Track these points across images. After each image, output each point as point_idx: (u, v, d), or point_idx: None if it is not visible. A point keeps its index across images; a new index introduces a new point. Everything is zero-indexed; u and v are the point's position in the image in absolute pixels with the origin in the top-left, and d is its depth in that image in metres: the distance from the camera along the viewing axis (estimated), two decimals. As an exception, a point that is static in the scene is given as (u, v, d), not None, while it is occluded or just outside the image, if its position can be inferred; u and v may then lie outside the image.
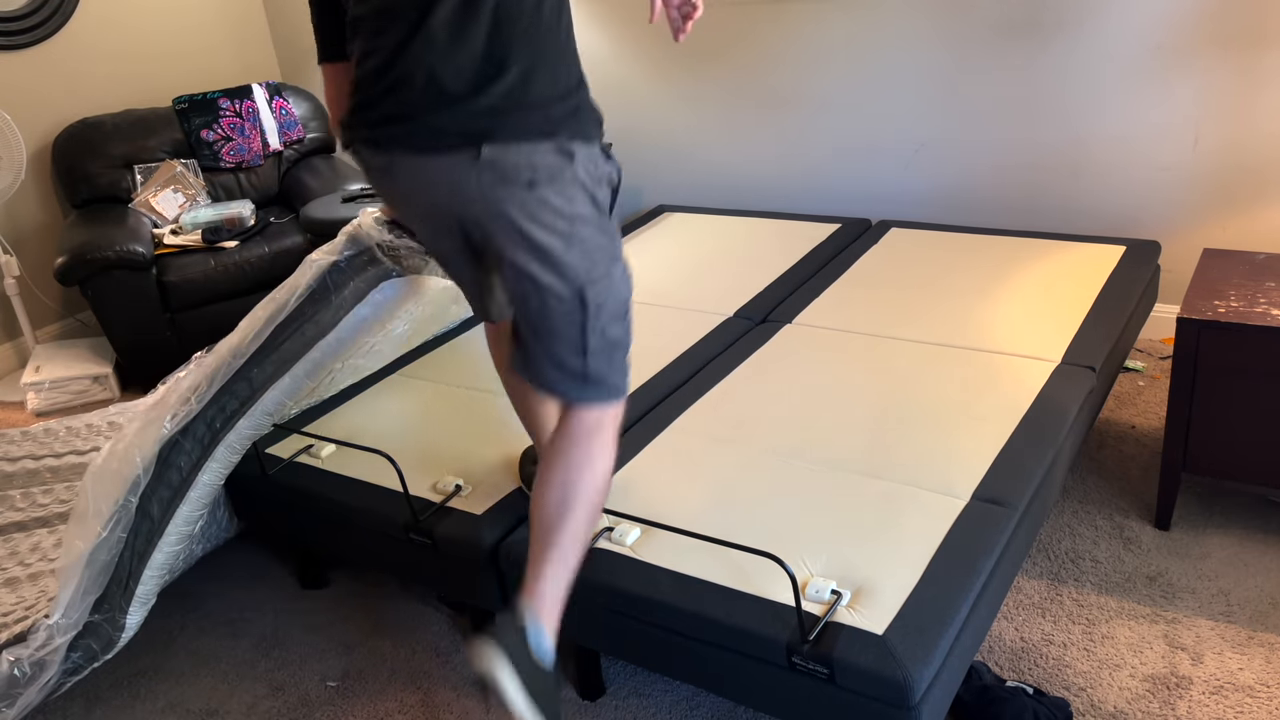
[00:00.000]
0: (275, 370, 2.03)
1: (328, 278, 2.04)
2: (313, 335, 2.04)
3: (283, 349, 2.03)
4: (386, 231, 2.10)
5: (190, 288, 3.39)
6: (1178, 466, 2.19)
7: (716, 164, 3.69)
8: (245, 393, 2.02)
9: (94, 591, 1.93)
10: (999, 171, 3.18)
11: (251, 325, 2.05)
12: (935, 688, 1.50)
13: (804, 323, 2.53)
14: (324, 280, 2.04)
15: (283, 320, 2.03)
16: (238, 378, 2.01)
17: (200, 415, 2.00)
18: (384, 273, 2.08)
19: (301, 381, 2.09)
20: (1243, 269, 2.27)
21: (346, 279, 2.05)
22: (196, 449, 2.01)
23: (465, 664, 2.10)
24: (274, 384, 2.04)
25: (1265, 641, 1.91)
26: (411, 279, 2.15)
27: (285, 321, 2.03)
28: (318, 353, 2.06)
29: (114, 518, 1.93)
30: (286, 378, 2.05)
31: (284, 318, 2.03)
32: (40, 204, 3.85)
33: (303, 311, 2.03)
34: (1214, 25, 2.72)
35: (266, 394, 2.04)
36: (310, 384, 2.13)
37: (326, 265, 2.04)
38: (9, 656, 1.88)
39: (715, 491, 1.89)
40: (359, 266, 2.06)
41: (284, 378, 2.04)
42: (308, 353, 2.05)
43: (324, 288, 2.03)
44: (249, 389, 2.02)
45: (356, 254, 2.05)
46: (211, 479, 2.05)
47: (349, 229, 2.07)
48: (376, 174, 1.61)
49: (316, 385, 2.32)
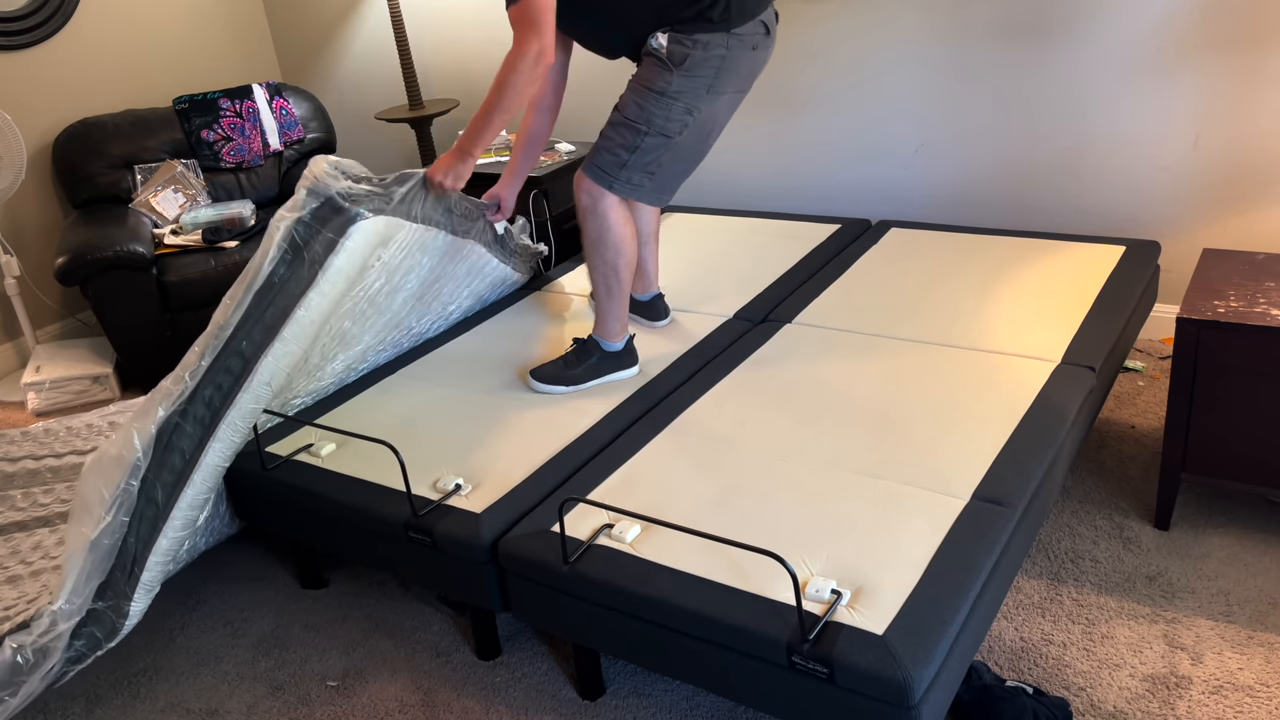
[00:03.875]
0: (264, 337, 2.04)
1: (295, 234, 2.05)
2: (295, 294, 2.05)
3: (267, 315, 2.03)
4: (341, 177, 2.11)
5: (190, 288, 3.39)
6: (1177, 466, 2.19)
7: (716, 164, 3.69)
8: (238, 367, 2.02)
9: (97, 577, 1.92)
10: (999, 171, 3.18)
11: (232, 297, 2.05)
12: (935, 688, 1.50)
13: (804, 323, 2.54)
14: (293, 238, 2.05)
15: (260, 286, 2.03)
16: (227, 352, 2.01)
17: (197, 394, 2.00)
18: (349, 218, 2.07)
19: (292, 346, 2.08)
20: (1242, 269, 2.27)
21: (314, 233, 2.05)
22: (198, 430, 2.00)
23: (465, 664, 2.10)
24: (266, 351, 2.04)
25: (1265, 641, 1.92)
26: (376, 220, 2.13)
27: (264, 287, 2.04)
28: (303, 311, 2.06)
29: (115, 502, 1.92)
30: (277, 343, 2.04)
31: (261, 283, 2.03)
32: (41, 204, 3.85)
33: (279, 274, 2.04)
34: (1214, 26, 2.72)
35: (260, 363, 2.04)
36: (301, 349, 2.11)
37: (293, 222, 2.05)
38: (12, 644, 1.87)
39: (715, 490, 1.89)
40: (324, 217, 2.06)
41: (274, 343, 2.04)
42: (294, 313, 2.05)
43: (294, 246, 2.05)
44: (241, 362, 2.02)
45: (319, 205, 2.06)
46: (215, 460, 2.05)
47: (305, 182, 2.08)
48: (763, 49, 2.20)
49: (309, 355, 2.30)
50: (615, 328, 2.36)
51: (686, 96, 2.15)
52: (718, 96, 2.20)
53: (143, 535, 1.96)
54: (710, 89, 2.17)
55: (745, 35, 2.15)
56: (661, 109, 2.15)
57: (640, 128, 2.17)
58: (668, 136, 2.17)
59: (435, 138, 4.36)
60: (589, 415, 2.22)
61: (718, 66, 2.15)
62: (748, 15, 2.14)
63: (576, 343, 2.40)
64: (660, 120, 2.16)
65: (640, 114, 2.17)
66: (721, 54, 2.13)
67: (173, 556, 2.05)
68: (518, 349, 2.58)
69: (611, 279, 2.30)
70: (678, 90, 2.14)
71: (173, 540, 2.01)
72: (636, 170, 2.20)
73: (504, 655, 2.11)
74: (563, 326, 2.69)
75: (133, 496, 1.94)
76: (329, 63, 4.50)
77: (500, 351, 2.58)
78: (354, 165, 2.20)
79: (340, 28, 4.40)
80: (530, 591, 1.84)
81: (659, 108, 2.15)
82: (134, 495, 1.94)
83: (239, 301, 2.02)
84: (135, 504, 1.94)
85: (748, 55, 2.18)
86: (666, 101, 2.14)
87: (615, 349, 2.36)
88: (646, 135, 2.16)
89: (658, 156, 2.19)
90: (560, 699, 1.98)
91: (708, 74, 2.14)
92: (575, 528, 1.84)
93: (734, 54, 2.15)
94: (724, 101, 2.22)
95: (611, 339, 2.36)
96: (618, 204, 2.24)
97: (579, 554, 1.76)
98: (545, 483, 2.01)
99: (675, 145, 2.20)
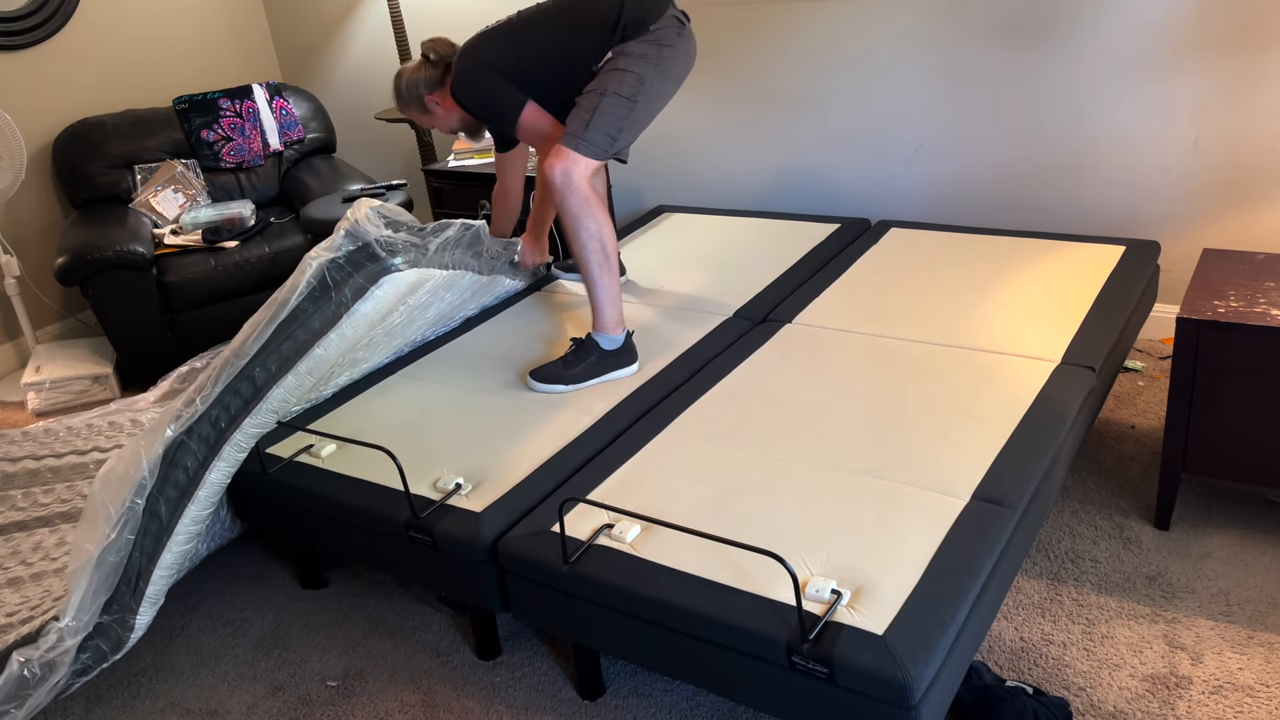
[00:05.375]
0: (279, 369, 2.03)
1: (327, 274, 2.03)
2: (316, 332, 2.04)
3: (285, 347, 2.02)
4: (384, 225, 2.10)
5: (190, 288, 3.39)
6: (1177, 466, 2.19)
7: (716, 164, 3.69)
8: (249, 392, 2.02)
9: (103, 594, 1.94)
10: (999, 171, 3.18)
11: (254, 325, 2.04)
12: (935, 688, 1.50)
13: (804, 323, 2.54)
14: (324, 277, 2.03)
15: (284, 319, 2.02)
16: (241, 377, 2.01)
17: (205, 416, 2.00)
18: (383, 268, 2.07)
19: (306, 379, 2.08)
20: (1242, 269, 2.27)
21: (346, 275, 2.04)
22: (203, 449, 2.01)
23: (465, 664, 2.10)
24: (278, 382, 2.03)
25: (1265, 641, 1.92)
26: (409, 273, 2.14)
27: (286, 320, 2.02)
28: (321, 349, 2.05)
29: (121, 520, 1.93)
30: (290, 375, 2.04)
31: (285, 316, 2.02)
32: (41, 204, 3.85)
33: (304, 309, 2.03)
34: (1214, 26, 2.72)
35: (271, 392, 2.03)
36: (313, 381, 2.12)
37: (326, 262, 2.04)
38: (19, 657, 1.88)
39: (715, 490, 1.89)
40: (358, 262, 2.05)
41: (288, 375, 2.04)
42: (311, 350, 2.04)
43: (324, 285, 2.03)
44: (252, 388, 2.02)
45: (356, 249, 2.05)
46: (219, 478, 2.05)
47: (345, 224, 2.06)
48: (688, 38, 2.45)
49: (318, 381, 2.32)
50: (611, 316, 2.38)
51: (638, 67, 2.37)
52: (663, 79, 2.42)
53: (147, 550, 1.97)
54: (656, 67, 2.39)
55: (667, 27, 2.41)
56: (615, 79, 2.37)
57: (599, 94, 2.36)
58: (626, 99, 2.37)
59: (435, 137, 4.37)
60: (589, 415, 2.22)
61: (657, 52, 2.39)
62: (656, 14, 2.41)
63: (575, 343, 2.40)
64: (615, 84, 2.36)
65: (598, 84, 2.38)
66: (655, 44, 2.39)
67: (177, 569, 2.05)
68: (518, 349, 2.58)
69: (600, 256, 2.36)
70: (627, 65, 2.37)
71: (177, 555, 2.02)
72: (599, 131, 2.35)
73: (504, 655, 2.11)
74: (563, 326, 2.69)
75: (138, 514, 1.95)
76: (329, 63, 4.50)
77: (500, 351, 2.58)
78: (397, 211, 2.20)
79: (340, 28, 4.40)
80: (530, 591, 1.84)
81: (613, 78, 2.37)
82: (139, 513, 1.95)
83: (260, 330, 2.02)
84: (140, 520, 1.95)
85: (678, 40, 2.43)
86: (620, 73, 2.37)
87: (614, 345, 2.37)
88: (604, 98, 2.35)
89: (618, 119, 2.36)
90: (560, 699, 1.98)
91: (651, 55, 2.39)
92: (575, 528, 1.84)
93: (667, 40, 2.41)
94: (668, 86, 2.45)
95: (609, 331, 2.37)
96: (589, 176, 2.35)
97: (579, 554, 1.76)
98: (545, 483, 2.01)
99: (633, 109, 2.38)
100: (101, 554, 1.92)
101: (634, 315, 2.70)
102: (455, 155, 3.78)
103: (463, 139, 3.70)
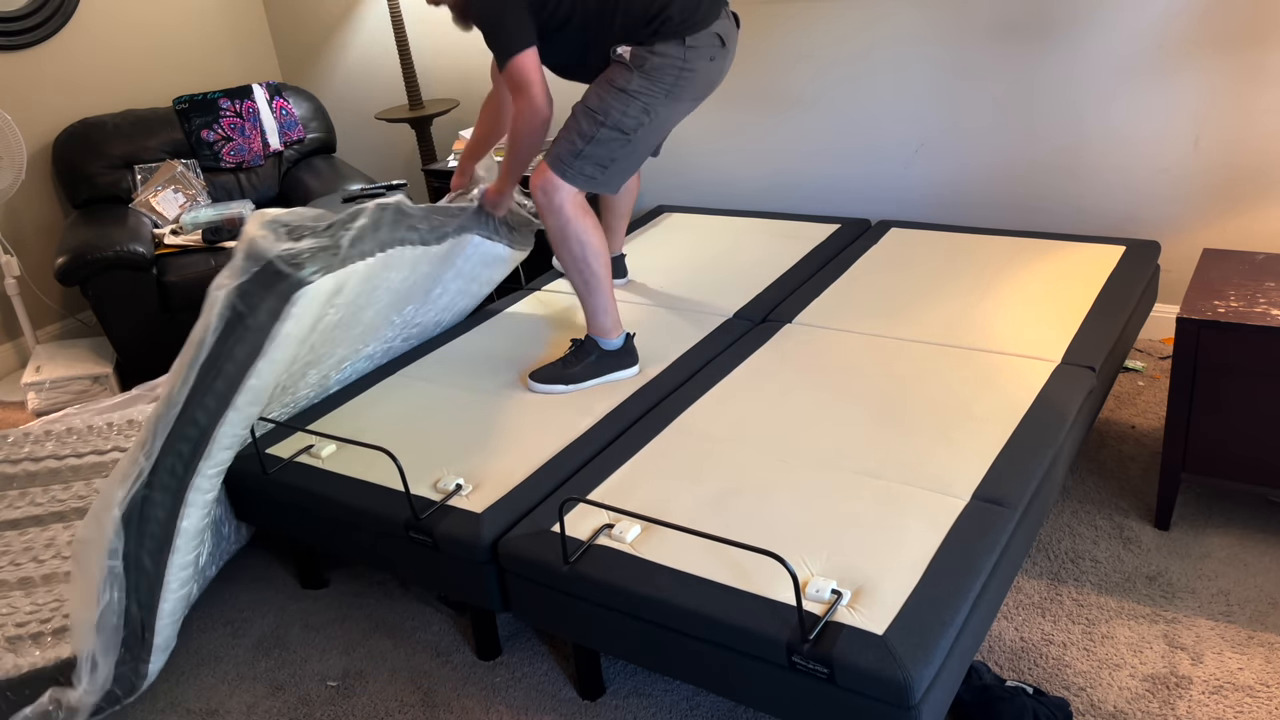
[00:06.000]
0: (218, 406, 1.95)
1: (235, 304, 1.92)
2: (243, 364, 1.94)
3: (217, 385, 1.94)
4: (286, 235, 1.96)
5: (190, 288, 3.39)
6: (1177, 466, 2.19)
7: (716, 164, 3.69)
8: (195, 435, 1.96)
9: (113, 652, 1.96)
10: (999, 171, 3.18)
11: (178, 371, 1.95)
12: (935, 688, 1.50)
13: (804, 323, 2.54)
14: (233, 307, 1.92)
15: (204, 360, 1.93)
16: (184, 421, 1.94)
17: (160, 466, 1.95)
18: (294, 284, 1.93)
19: (249, 410, 2.00)
20: (1242, 269, 2.27)
21: (258, 300, 1.92)
22: (167, 499, 1.97)
23: (465, 664, 2.10)
24: (222, 420, 1.96)
25: (1265, 641, 1.92)
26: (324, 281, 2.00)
27: (208, 361, 1.93)
28: (255, 379, 1.95)
29: (106, 584, 1.94)
30: (231, 411, 1.96)
31: (204, 357, 1.93)
32: (41, 204, 3.85)
33: (222, 346, 1.93)
34: (1214, 25, 2.72)
35: (218, 430, 1.96)
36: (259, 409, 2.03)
37: (232, 291, 1.92)
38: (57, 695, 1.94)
39: (715, 490, 1.89)
40: (266, 282, 1.92)
41: (228, 412, 1.96)
42: (245, 382, 1.95)
43: (236, 314, 1.92)
44: (198, 430, 1.96)
45: (260, 269, 1.92)
46: (193, 524, 2.00)
47: (242, 244, 1.94)
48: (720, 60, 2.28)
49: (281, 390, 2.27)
50: (605, 322, 2.37)
51: (645, 97, 2.23)
52: (675, 103, 2.28)
53: (144, 603, 1.97)
54: (669, 94, 2.25)
55: (701, 47, 2.24)
56: (620, 104, 2.22)
57: (599, 117, 2.23)
58: (624, 133, 2.24)
59: (435, 137, 4.36)
60: (589, 415, 2.22)
61: (676, 74, 2.23)
62: (699, 26, 2.23)
63: (574, 344, 2.40)
64: (617, 114, 2.22)
65: (600, 104, 2.24)
66: (679, 63, 2.23)
67: (179, 616, 2.05)
68: (518, 349, 2.58)
69: (585, 272, 2.33)
70: (637, 89, 2.22)
71: (174, 602, 2.01)
72: (589, 161, 2.24)
73: (504, 655, 2.11)
74: (562, 327, 2.69)
75: (119, 574, 1.95)
76: (329, 63, 4.50)
77: (500, 351, 2.58)
78: (296, 215, 2.05)
79: (340, 28, 4.40)
80: (530, 591, 1.84)
81: (618, 102, 2.22)
82: (120, 572, 1.95)
83: (184, 377, 1.94)
84: (124, 579, 1.96)
85: (705, 65, 2.27)
86: (625, 98, 2.22)
87: (613, 346, 2.36)
88: (603, 127, 2.23)
89: (611, 151, 2.25)
90: (560, 699, 1.98)
91: (667, 80, 2.23)
92: (575, 528, 1.84)
93: (691, 64, 2.24)
94: (680, 108, 2.31)
95: (606, 335, 2.37)
96: (572, 197, 2.27)
97: (579, 554, 1.76)
98: (545, 483, 2.01)
99: (630, 143, 2.26)
100: (100, 620, 1.95)
101: (634, 315, 2.70)
102: (455, 155, 3.78)
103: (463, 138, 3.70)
